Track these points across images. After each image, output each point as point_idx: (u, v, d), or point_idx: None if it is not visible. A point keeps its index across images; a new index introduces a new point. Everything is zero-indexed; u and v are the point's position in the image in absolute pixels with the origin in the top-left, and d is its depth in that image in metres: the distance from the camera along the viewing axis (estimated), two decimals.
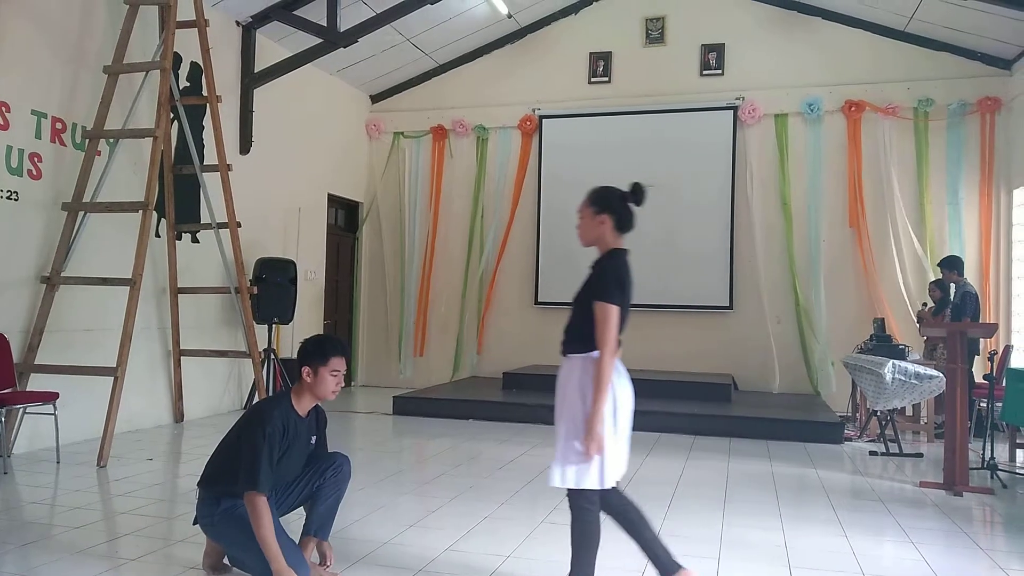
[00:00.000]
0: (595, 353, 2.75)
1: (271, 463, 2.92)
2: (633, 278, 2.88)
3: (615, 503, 2.92)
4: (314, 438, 3.24)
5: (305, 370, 3.08)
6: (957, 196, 8.59)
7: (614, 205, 2.84)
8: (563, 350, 2.90)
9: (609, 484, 2.78)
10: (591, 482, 2.75)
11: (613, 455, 2.77)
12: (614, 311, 2.71)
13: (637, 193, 2.82)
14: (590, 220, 2.86)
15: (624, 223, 2.86)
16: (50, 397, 5.35)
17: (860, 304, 8.82)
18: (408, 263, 10.25)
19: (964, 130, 8.61)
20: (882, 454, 6.33)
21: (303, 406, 3.12)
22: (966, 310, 7.10)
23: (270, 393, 8.00)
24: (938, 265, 7.71)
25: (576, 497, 2.81)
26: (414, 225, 10.31)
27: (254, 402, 5.50)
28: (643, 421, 7.15)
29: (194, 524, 3.15)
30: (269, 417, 2.98)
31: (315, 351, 3.07)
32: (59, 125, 6.03)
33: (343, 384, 3.17)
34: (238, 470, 2.95)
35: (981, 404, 6.71)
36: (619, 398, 2.79)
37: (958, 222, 8.57)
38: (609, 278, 2.76)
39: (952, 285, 7.42)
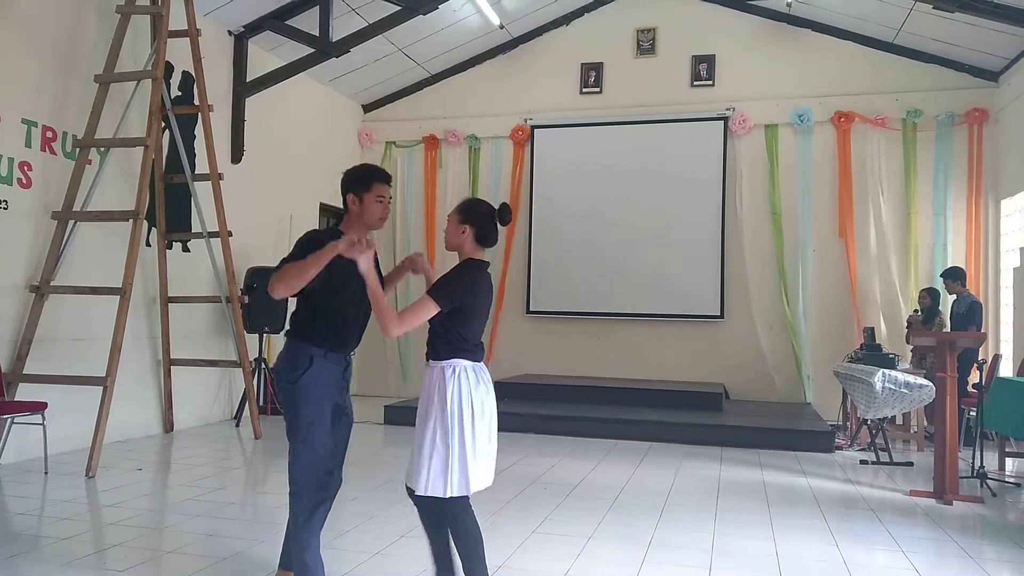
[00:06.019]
0: (450, 362, 2.85)
1: (299, 253, 2.90)
2: (489, 288, 2.98)
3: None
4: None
5: (349, 197, 3.03)
6: (945, 206, 8.65)
7: (478, 219, 2.94)
8: (426, 356, 2.97)
9: (474, 490, 2.85)
10: (456, 489, 2.81)
11: (476, 462, 2.83)
12: (430, 308, 2.81)
13: (503, 213, 2.96)
14: (454, 227, 2.96)
15: (485, 237, 2.96)
16: (39, 407, 5.31)
17: (849, 313, 8.86)
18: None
19: (952, 141, 8.69)
20: (872, 463, 6.35)
21: (355, 234, 3.01)
22: (974, 319, 7.14)
23: (260, 403, 7.97)
24: (941, 276, 7.77)
25: (446, 505, 2.86)
26: (409, 234, 10.31)
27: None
28: (634, 430, 7.28)
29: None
30: (308, 231, 3.05)
31: (358, 178, 3.03)
32: (49, 134, 6.01)
33: (389, 211, 3.11)
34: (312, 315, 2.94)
35: (971, 413, 6.74)
36: (476, 406, 2.84)
37: (946, 232, 8.64)
38: (446, 282, 2.87)
39: (954, 295, 7.49)
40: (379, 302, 2.83)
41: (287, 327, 3.07)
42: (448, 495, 2.80)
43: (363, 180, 3.03)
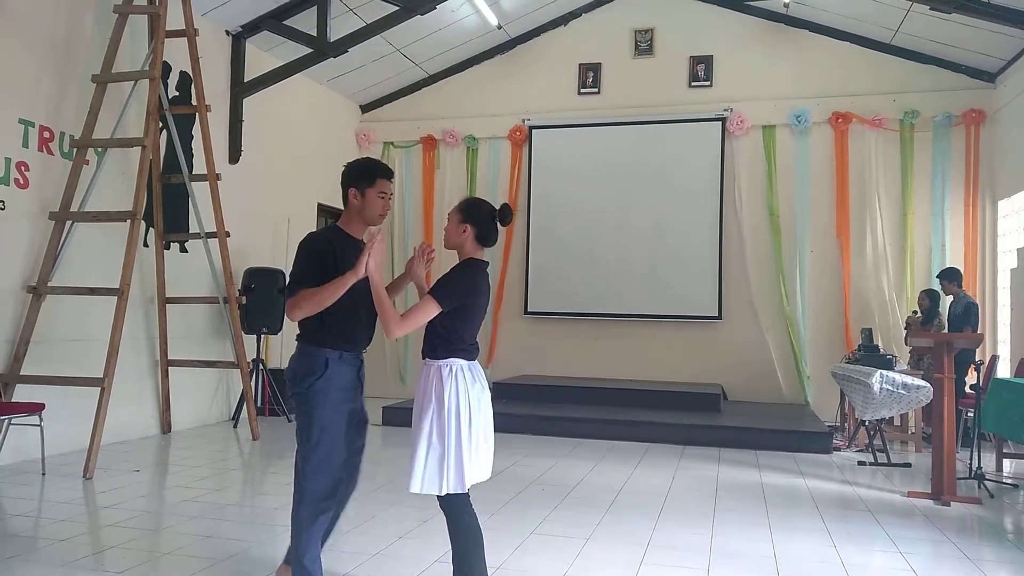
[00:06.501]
0: (447, 361, 2.85)
1: (310, 268, 2.87)
2: (487, 289, 2.98)
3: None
4: None
5: (352, 191, 2.99)
6: (942, 207, 8.66)
7: (479, 219, 2.94)
8: (423, 354, 2.97)
9: (469, 486, 2.84)
10: (452, 486, 2.79)
11: (472, 458, 2.82)
12: (432, 308, 2.82)
13: (504, 214, 2.96)
14: (455, 226, 2.96)
15: (485, 237, 2.96)
16: (36, 408, 5.30)
17: (846, 314, 8.87)
18: (399, 273, 10.19)
19: (949, 142, 8.70)
20: (870, 464, 6.35)
21: (354, 230, 3.03)
22: (969, 320, 7.15)
23: (258, 404, 7.96)
24: (937, 277, 7.78)
25: (447, 501, 2.85)
26: (407, 235, 10.30)
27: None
28: (633, 431, 7.29)
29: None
30: (308, 236, 3.01)
31: (361, 173, 3.00)
32: (47, 134, 6.00)
33: (389, 208, 3.09)
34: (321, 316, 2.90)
35: (968, 414, 6.75)
36: (474, 403, 2.84)
37: (943, 233, 8.65)
38: (448, 282, 2.86)
39: (951, 297, 7.50)
40: (382, 303, 2.82)
41: (298, 331, 3.03)
42: (443, 492, 2.79)
43: (366, 175, 2.99)
